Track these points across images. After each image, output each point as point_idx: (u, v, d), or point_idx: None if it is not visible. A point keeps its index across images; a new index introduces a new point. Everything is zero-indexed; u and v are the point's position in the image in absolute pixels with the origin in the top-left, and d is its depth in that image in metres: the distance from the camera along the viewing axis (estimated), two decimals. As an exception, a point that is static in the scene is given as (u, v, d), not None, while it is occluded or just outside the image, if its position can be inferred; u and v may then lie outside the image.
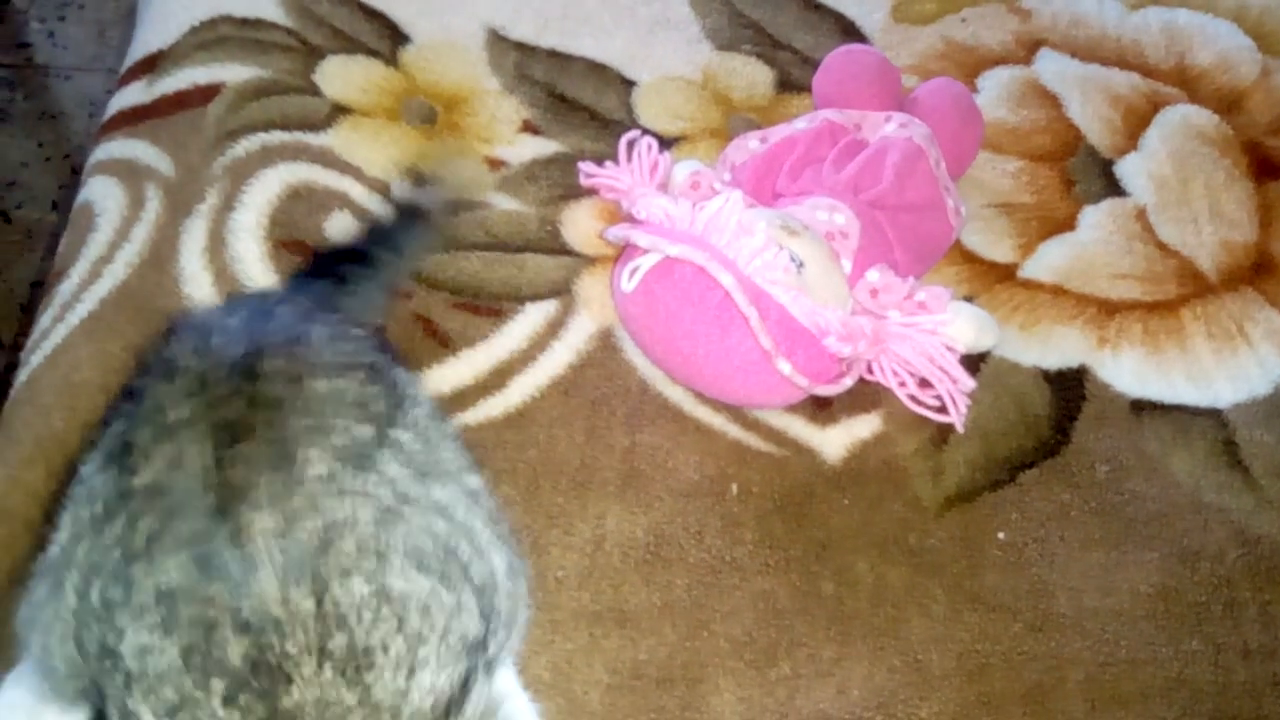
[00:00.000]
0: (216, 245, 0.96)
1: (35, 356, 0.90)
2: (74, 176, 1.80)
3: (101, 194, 1.01)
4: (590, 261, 1.02)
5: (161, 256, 0.95)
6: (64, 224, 0.99)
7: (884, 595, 0.83)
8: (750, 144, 1.08)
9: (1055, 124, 1.18)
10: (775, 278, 0.88)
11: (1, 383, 0.85)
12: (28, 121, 2.00)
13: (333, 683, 0.58)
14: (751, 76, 1.19)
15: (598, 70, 1.18)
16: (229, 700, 0.57)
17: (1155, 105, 1.20)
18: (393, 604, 0.60)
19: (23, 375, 0.89)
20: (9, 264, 1.79)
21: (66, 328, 0.91)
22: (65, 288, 0.94)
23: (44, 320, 0.93)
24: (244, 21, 1.14)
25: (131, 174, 1.02)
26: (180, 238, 0.96)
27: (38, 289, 1.10)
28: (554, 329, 0.98)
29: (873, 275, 0.96)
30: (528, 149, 1.10)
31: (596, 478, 0.88)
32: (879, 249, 0.99)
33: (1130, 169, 1.14)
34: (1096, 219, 1.11)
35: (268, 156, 1.03)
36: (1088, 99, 1.20)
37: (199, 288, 0.93)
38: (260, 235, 0.97)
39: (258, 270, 0.95)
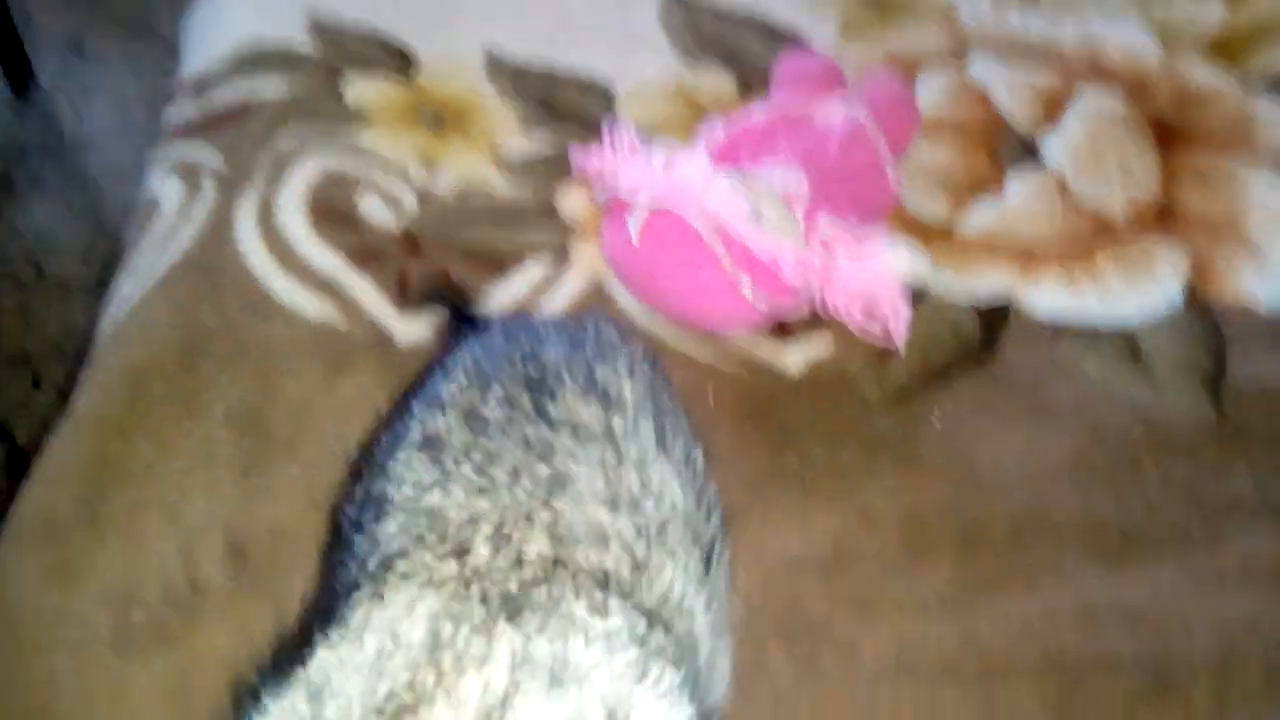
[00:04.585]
0: (266, 215, 1.14)
1: (116, 311, 1.08)
2: (101, 233, 2.00)
3: (162, 187, 1.19)
4: (582, 229, 1.19)
5: (220, 227, 1.13)
6: (93, 277, 1.15)
7: (838, 469, 0.99)
8: (715, 131, 1.26)
9: (984, 113, 1.36)
10: (736, 219, 1.05)
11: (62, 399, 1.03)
12: (58, 187, 2.20)
13: None
14: (717, 84, 1.38)
15: (583, 82, 1.37)
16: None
17: (1071, 93, 1.38)
18: None
19: (106, 327, 1.07)
20: (44, 313, 1.96)
21: (142, 288, 1.08)
22: (139, 261, 1.12)
23: (123, 287, 1.10)
24: (277, 47, 1.33)
25: (188, 170, 1.20)
26: (235, 212, 1.14)
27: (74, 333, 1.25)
28: (550, 281, 1.14)
29: (823, 225, 1.13)
30: (525, 144, 1.28)
31: (594, 390, 1.04)
32: (828, 208, 1.16)
33: (1050, 145, 1.32)
34: (1021, 187, 1.28)
35: (304, 149, 1.21)
36: (1012, 91, 1.38)
37: (253, 249, 1.11)
38: (302, 207, 1.15)
39: (302, 234, 1.13)
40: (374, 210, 1.17)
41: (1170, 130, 1.34)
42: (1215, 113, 1.36)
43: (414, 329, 1.07)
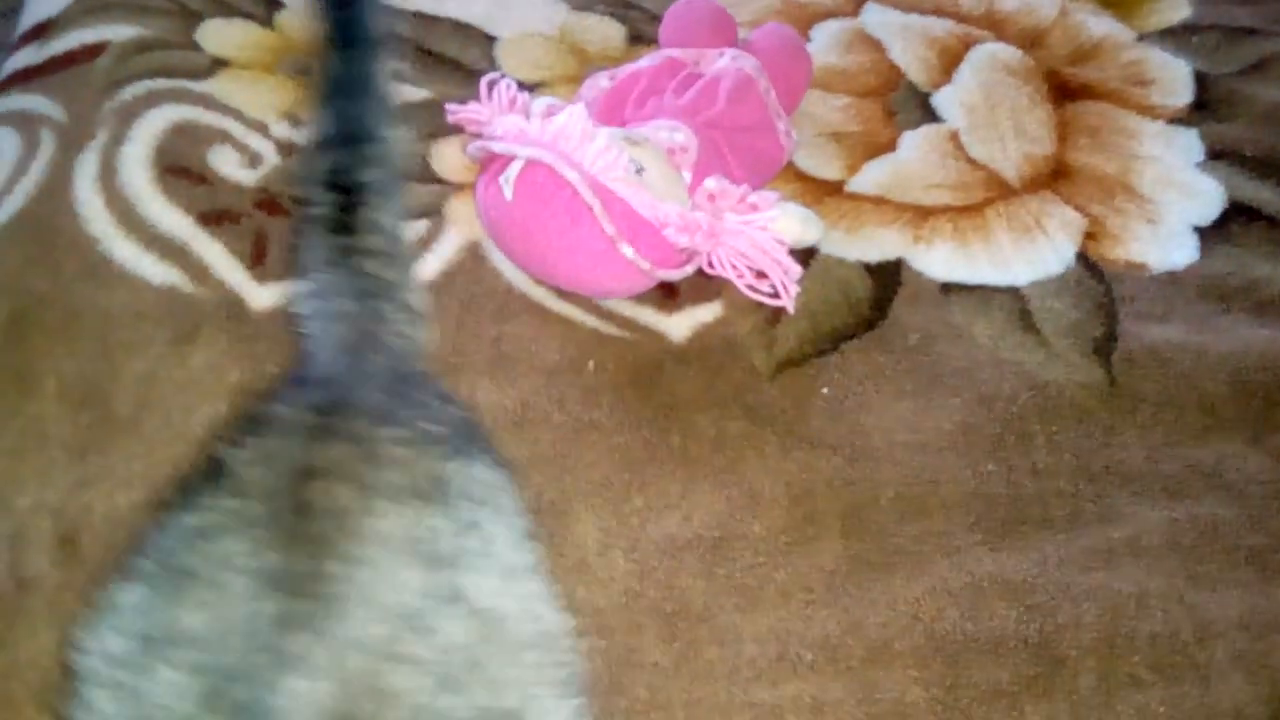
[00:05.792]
0: (108, 174, 1.05)
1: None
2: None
3: (-2, 141, 1.09)
4: (458, 188, 1.13)
5: (57, 186, 1.04)
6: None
7: (724, 443, 0.95)
8: (601, 82, 1.20)
9: (879, 65, 1.32)
10: (616, 175, 1.00)
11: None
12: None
13: None
14: (605, 32, 1.32)
15: (461, 28, 1.29)
16: None
17: (967, 45, 1.35)
18: None
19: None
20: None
21: (-30, 248, 0.99)
22: (-32, 219, 1.02)
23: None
24: (129, -12, 1.23)
25: (25, 122, 1.10)
26: (74, 169, 1.05)
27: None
28: (425, 244, 1.08)
29: (710, 183, 1.07)
30: (398, 96, 1.20)
31: (467, 361, 0.98)
32: (716, 163, 1.11)
33: (945, 99, 1.28)
34: (915, 142, 1.24)
35: (152, 100, 1.12)
36: (908, 43, 1.34)
37: (93, 210, 1.02)
38: (148, 164, 1.06)
39: (146, 192, 1.04)
40: (228, 165, 1.09)
41: (1065, 83, 1.32)
42: (1109, 64, 1.33)
43: (270, 294, 1.00)
